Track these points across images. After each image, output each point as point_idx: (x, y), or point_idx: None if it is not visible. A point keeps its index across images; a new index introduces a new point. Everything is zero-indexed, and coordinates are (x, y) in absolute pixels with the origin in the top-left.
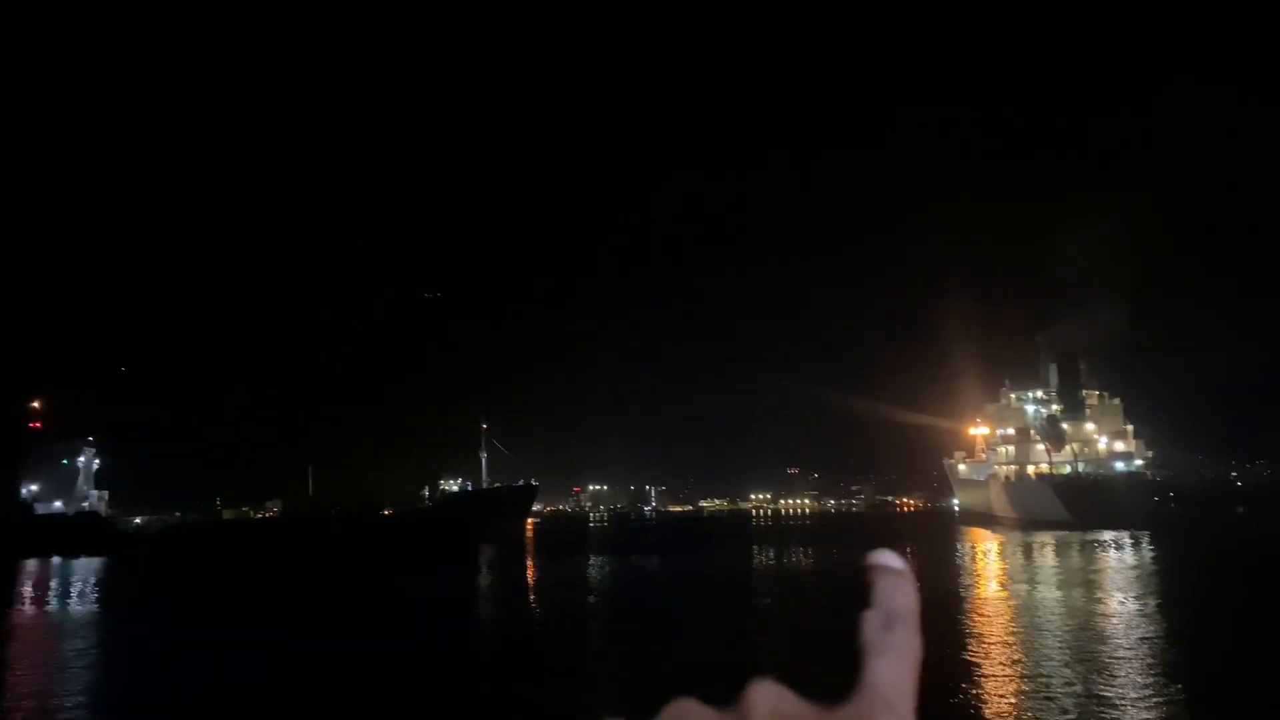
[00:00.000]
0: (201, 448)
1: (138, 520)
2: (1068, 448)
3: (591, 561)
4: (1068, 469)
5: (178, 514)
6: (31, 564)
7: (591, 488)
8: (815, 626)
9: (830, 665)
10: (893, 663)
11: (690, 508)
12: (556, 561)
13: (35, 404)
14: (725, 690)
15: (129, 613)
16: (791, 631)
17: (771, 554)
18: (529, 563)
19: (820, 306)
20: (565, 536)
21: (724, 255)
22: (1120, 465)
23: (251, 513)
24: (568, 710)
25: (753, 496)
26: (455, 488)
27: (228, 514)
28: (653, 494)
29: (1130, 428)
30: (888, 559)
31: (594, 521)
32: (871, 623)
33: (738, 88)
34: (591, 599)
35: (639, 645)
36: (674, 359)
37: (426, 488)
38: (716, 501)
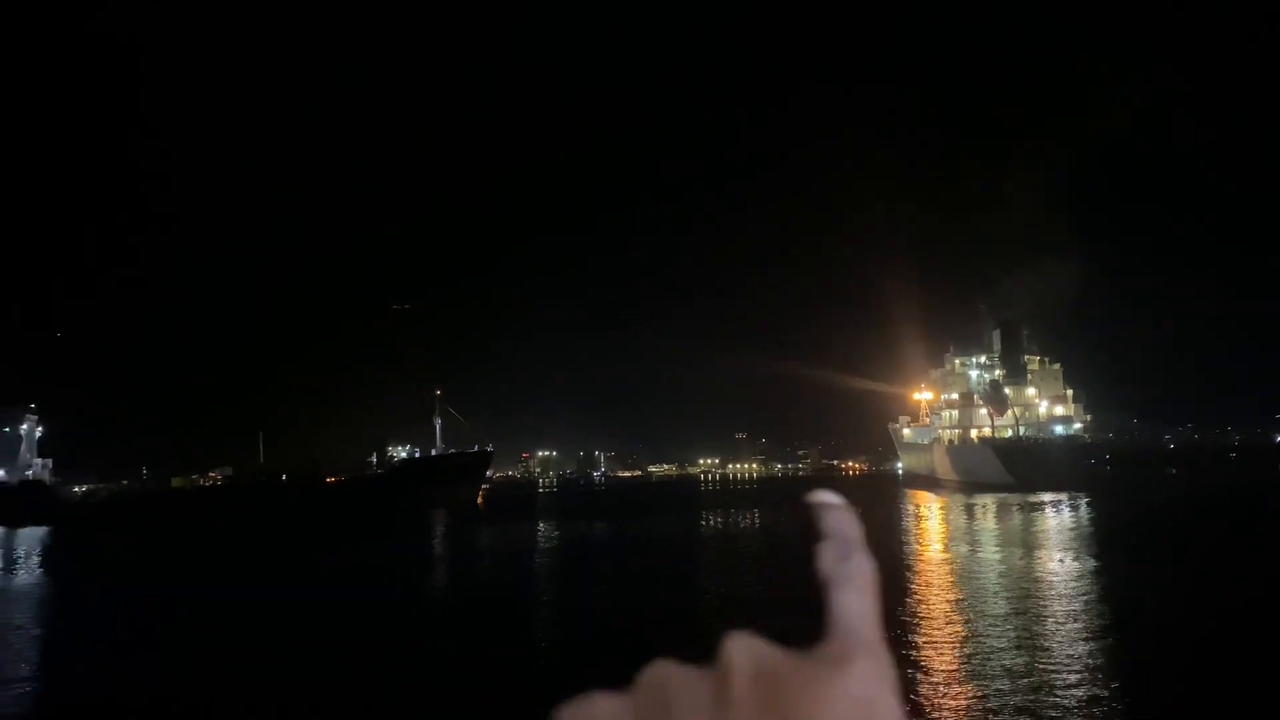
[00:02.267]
0: (149, 415)
1: (83, 488)
2: (1009, 412)
3: (541, 527)
4: (1009, 433)
5: (124, 482)
6: None
7: (540, 454)
8: (752, 589)
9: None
10: (856, 593)
11: (639, 473)
12: (508, 526)
13: None
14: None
15: (75, 581)
16: (728, 596)
17: (718, 518)
18: (481, 528)
19: (769, 273)
20: (515, 502)
21: (672, 221)
22: (1059, 429)
23: (200, 480)
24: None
25: (701, 461)
26: (404, 454)
27: (176, 481)
28: (602, 459)
29: (1069, 392)
30: (827, 497)
31: (543, 488)
32: (828, 553)
33: (674, 57)
34: (539, 560)
35: (582, 603)
36: (622, 325)
37: (375, 454)
38: (665, 467)
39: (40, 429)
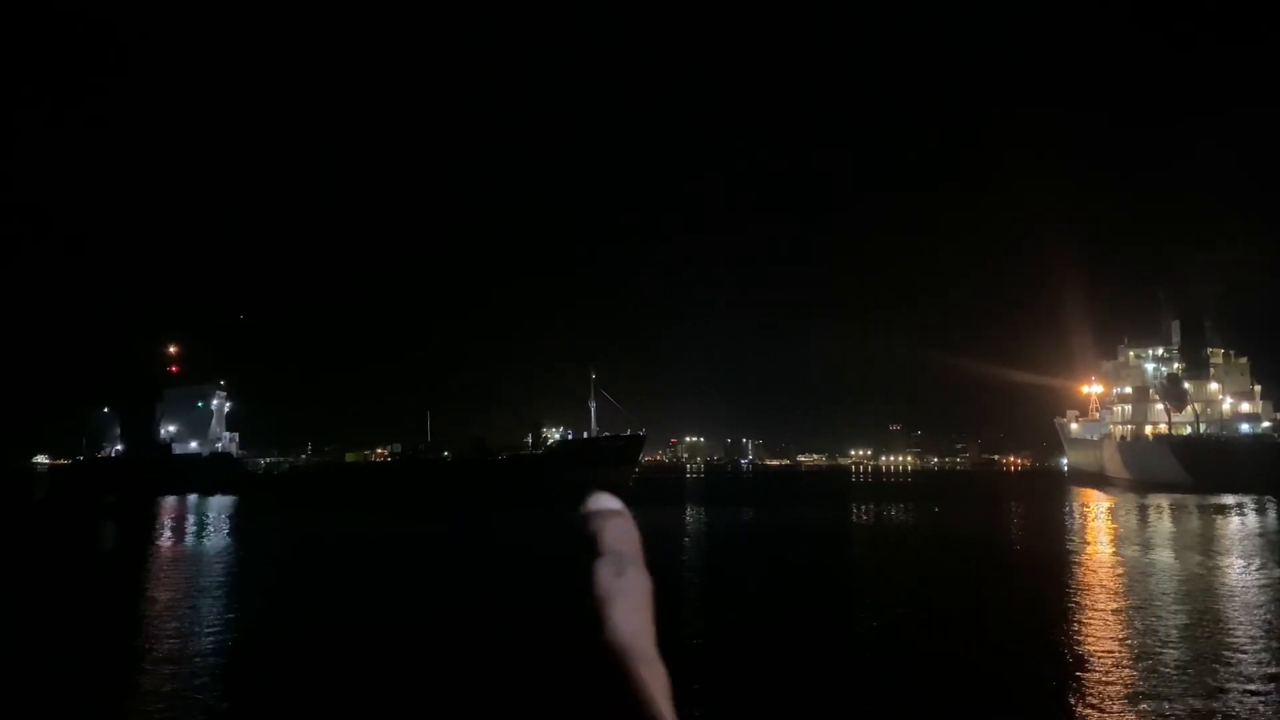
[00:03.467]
0: (325, 394)
1: (266, 461)
2: (1189, 408)
3: (689, 512)
4: (1188, 430)
5: (303, 456)
6: (171, 500)
7: (688, 439)
8: (914, 589)
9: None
10: (631, 608)
11: (787, 462)
12: (658, 510)
13: (171, 349)
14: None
15: (258, 547)
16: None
17: (870, 511)
18: (633, 511)
19: (928, 262)
20: (663, 487)
21: (829, 212)
22: (1245, 427)
23: (370, 456)
24: None
25: (852, 453)
26: (558, 435)
27: (350, 456)
28: (749, 447)
29: (1258, 388)
30: (606, 502)
31: (690, 473)
32: (605, 571)
33: (851, 71)
34: (689, 545)
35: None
36: (775, 314)
37: (530, 435)
38: (814, 457)
39: (229, 404)
